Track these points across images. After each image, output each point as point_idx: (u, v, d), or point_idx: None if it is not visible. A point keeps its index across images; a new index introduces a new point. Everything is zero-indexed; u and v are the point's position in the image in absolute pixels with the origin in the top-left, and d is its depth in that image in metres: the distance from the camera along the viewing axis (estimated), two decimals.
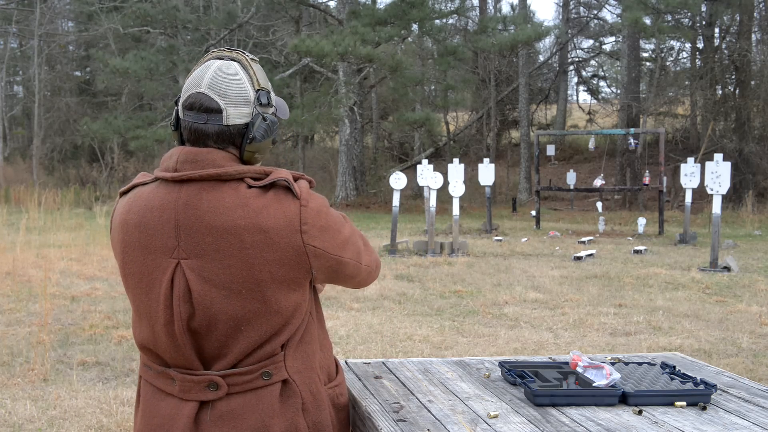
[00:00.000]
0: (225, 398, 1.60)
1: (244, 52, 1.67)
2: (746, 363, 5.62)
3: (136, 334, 1.69)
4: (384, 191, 21.64)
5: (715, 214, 10.22)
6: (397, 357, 5.65)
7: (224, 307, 1.56)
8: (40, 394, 4.83)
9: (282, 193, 1.58)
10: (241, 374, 1.59)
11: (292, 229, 1.56)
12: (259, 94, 1.62)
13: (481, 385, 2.19)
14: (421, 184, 12.66)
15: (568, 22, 27.88)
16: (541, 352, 5.88)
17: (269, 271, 1.55)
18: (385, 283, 9.02)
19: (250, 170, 1.59)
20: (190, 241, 1.55)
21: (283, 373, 1.61)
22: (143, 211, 1.60)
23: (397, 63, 18.92)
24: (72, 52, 31.99)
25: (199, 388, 1.60)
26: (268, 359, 1.60)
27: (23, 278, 8.99)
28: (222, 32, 21.80)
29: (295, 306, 1.61)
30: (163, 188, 1.60)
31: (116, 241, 1.66)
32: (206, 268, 1.55)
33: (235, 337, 1.57)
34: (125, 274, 1.65)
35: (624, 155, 22.39)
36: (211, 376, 1.59)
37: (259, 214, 1.54)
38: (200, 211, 1.55)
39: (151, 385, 1.68)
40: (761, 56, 22.61)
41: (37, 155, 26.42)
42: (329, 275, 1.69)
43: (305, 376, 1.65)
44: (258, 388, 1.60)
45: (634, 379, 2.15)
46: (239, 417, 1.59)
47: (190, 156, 1.58)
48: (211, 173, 1.55)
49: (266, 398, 1.60)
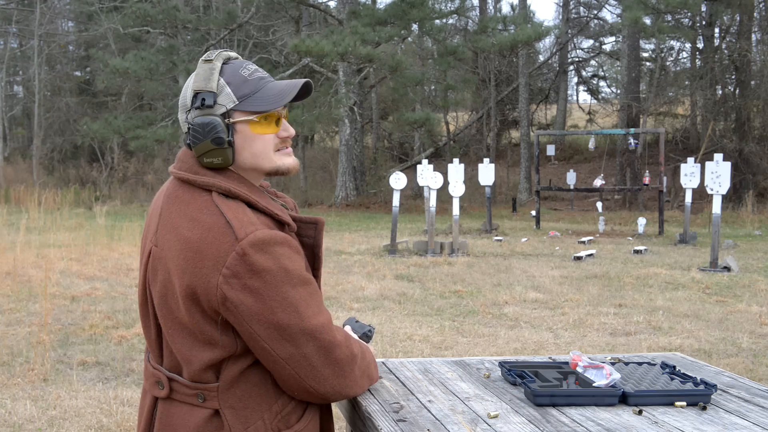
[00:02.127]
0: (168, 401, 1.63)
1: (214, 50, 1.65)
2: (746, 363, 5.62)
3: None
4: (384, 191, 21.64)
5: (715, 214, 10.22)
6: (397, 357, 5.65)
7: (162, 308, 1.60)
8: (40, 394, 4.83)
9: (228, 229, 1.50)
10: (183, 385, 1.61)
11: (215, 266, 1.48)
12: (199, 97, 1.57)
13: (481, 385, 2.19)
14: (421, 184, 12.67)
15: (568, 22, 27.88)
16: (541, 352, 5.88)
17: (186, 288, 1.51)
18: (385, 283, 9.02)
19: (217, 185, 1.57)
20: (162, 230, 1.60)
21: (215, 403, 1.58)
22: (155, 198, 1.73)
23: (397, 63, 18.92)
24: (72, 52, 32.00)
25: (151, 382, 1.67)
26: (203, 384, 1.58)
27: (23, 278, 8.99)
28: (222, 32, 21.81)
29: (218, 341, 1.54)
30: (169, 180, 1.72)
31: None
32: (162, 261, 1.58)
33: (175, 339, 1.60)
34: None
35: (624, 155, 22.39)
36: (161, 374, 1.64)
37: (201, 233, 1.51)
38: (173, 207, 1.60)
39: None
40: (761, 56, 22.61)
41: (37, 155, 26.42)
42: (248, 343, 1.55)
43: (241, 414, 1.58)
44: (193, 405, 1.60)
45: (634, 379, 2.15)
46: (173, 425, 1.62)
47: (181, 155, 1.66)
48: (183, 176, 1.61)
49: (197, 418, 1.59)
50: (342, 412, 2.31)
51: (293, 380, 1.58)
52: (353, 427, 2.15)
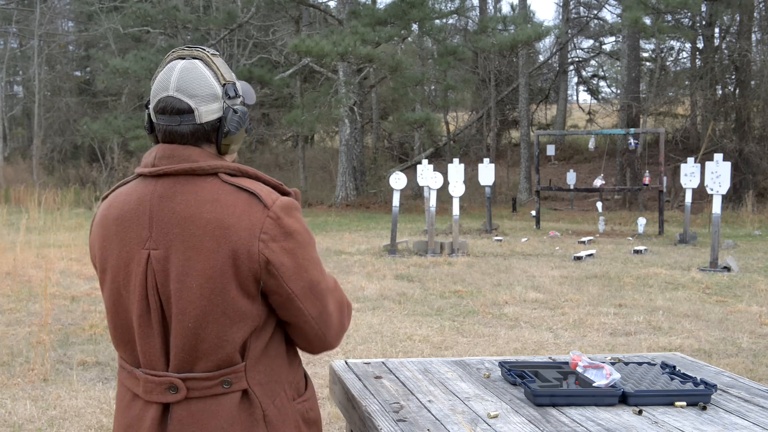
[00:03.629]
0: (185, 402, 1.60)
1: (203, 48, 1.69)
2: (746, 363, 5.62)
3: (112, 333, 1.71)
4: (384, 191, 21.64)
5: (715, 214, 10.22)
6: (397, 357, 5.65)
7: (181, 303, 1.57)
8: (40, 394, 4.83)
9: (254, 198, 1.59)
10: (201, 379, 1.59)
11: (251, 234, 1.55)
12: (227, 88, 1.65)
13: (481, 385, 2.19)
14: (421, 184, 12.67)
15: (568, 22, 27.87)
16: (541, 352, 5.88)
17: (221, 269, 1.55)
18: (385, 283, 9.02)
19: (224, 166, 1.61)
20: (160, 232, 1.58)
21: (243, 383, 1.60)
22: (122, 204, 1.65)
23: (397, 63, 18.92)
24: (72, 52, 32.00)
25: (160, 389, 1.61)
26: (228, 368, 1.59)
27: (23, 278, 8.99)
28: (222, 32, 21.81)
29: (245, 312, 1.58)
30: (141, 183, 1.65)
31: (95, 238, 1.70)
32: (168, 259, 1.57)
33: (184, 332, 1.58)
34: (103, 270, 1.67)
35: (624, 155, 22.38)
36: (171, 378, 1.60)
37: (225, 209, 1.56)
38: (173, 203, 1.58)
39: (124, 387, 1.70)
40: (761, 56, 22.61)
41: (37, 155, 26.43)
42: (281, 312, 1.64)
43: (268, 389, 1.64)
44: (218, 395, 1.60)
45: (634, 379, 2.15)
46: (199, 422, 1.59)
47: (168, 152, 1.63)
48: (185, 167, 1.59)
49: (226, 406, 1.60)
50: (342, 412, 2.31)
51: (317, 338, 1.68)
52: (353, 427, 2.15)
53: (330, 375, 2.54)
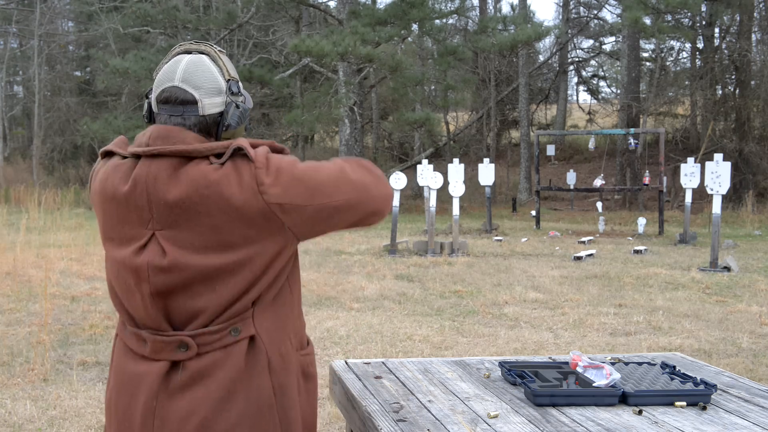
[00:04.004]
0: (195, 358, 1.62)
1: (211, 44, 1.72)
2: (746, 363, 5.62)
3: (111, 293, 1.74)
4: None
5: (715, 214, 10.22)
6: (397, 357, 5.65)
7: (200, 269, 1.60)
8: (40, 394, 4.83)
9: (239, 161, 1.60)
10: (211, 333, 1.62)
11: (251, 192, 1.58)
12: (230, 84, 1.68)
13: (481, 385, 2.19)
14: (421, 184, 12.66)
15: (568, 22, 27.87)
16: (541, 352, 5.88)
17: (240, 234, 1.59)
18: (385, 283, 9.02)
19: (216, 146, 1.62)
20: (162, 213, 1.61)
21: (251, 329, 1.63)
22: (118, 184, 1.65)
23: (397, 63, 18.91)
24: (72, 52, 31.99)
25: (170, 348, 1.63)
26: (238, 316, 1.63)
27: (23, 278, 8.99)
28: (222, 32, 21.80)
29: (269, 261, 1.63)
30: (136, 163, 1.65)
31: (96, 206, 1.73)
32: (180, 237, 1.60)
33: (209, 297, 1.61)
34: (105, 238, 1.72)
35: (624, 155, 22.38)
36: (181, 336, 1.62)
37: (220, 182, 1.58)
38: (169, 186, 1.60)
39: (124, 344, 1.72)
40: (761, 56, 22.61)
41: (37, 155, 26.42)
42: (314, 225, 1.66)
43: (274, 336, 1.67)
44: (227, 345, 1.62)
45: (634, 379, 2.15)
46: (208, 375, 1.61)
47: (163, 132, 1.64)
48: (180, 149, 1.61)
49: (234, 355, 1.62)
50: (342, 412, 2.31)
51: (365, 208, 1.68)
52: (353, 427, 2.16)
53: (330, 375, 2.54)
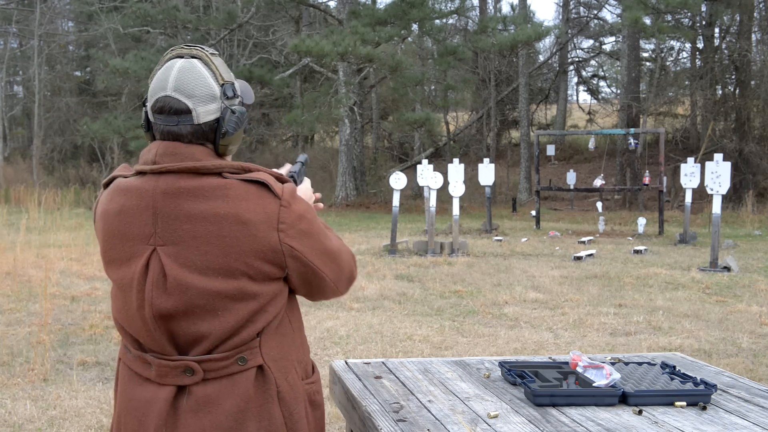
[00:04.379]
0: (201, 384, 1.61)
1: (203, 47, 1.68)
2: (746, 363, 5.62)
3: (115, 315, 1.72)
4: (384, 191, 21.64)
5: (715, 214, 10.22)
6: (397, 357, 5.65)
7: (201, 291, 1.58)
8: (40, 394, 4.83)
9: (263, 191, 1.61)
10: (217, 360, 1.60)
11: (269, 226, 1.59)
12: (225, 88, 1.65)
13: (481, 385, 2.19)
14: (421, 184, 12.66)
15: (568, 22, 27.87)
16: (541, 352, 5.88)
17: (245, 262, 1.58)
18: (385, 283, 9.02)
19: (228, 165, 1.61)
20: (167, 228, 1.58)
21: (259, 359, 1.63)
22: (123, 200, 1.64)
23: (397, 63, 18.91)
24: (72, 52, 31.99)
25: (176, 373, 1.61)
26: (244, 345, 1.62)
27: (23, 278, 8.99)
28: (222, 32, 21.80)
29: (271, 295, 1.64)
30: (142, 179, 1.63)
31: (98, 231, 1.72)
32: (182, 255, 1.58)
33: (211, 322, 1.59)
34: (107, 261, 1.70)
35: (624, 155, 22.38)
36: (187, 361, 1.60)
37: (239, 204, 1.58)
38: (179, 199, 1.58)
39: (128, 369, 1.70)
40: (761, 56, 22.60)
41: (37, 155, 26.42)
42: (302, 282, 1.70)
43: (281, 365, 1.67)
44: (234, 373, 1.61)
45: (634, 379, 2.15)
46: (215, 402, 1.60)
47: (170, 149, 1.62)
48: (189, 166, 1.59)
49: (242, 384, 1.61)
50: (342, 412, 2.31)
51: (331, 291, 1.77)
52: (353, 427, 2.16)
53: (330, 375, 2.54)
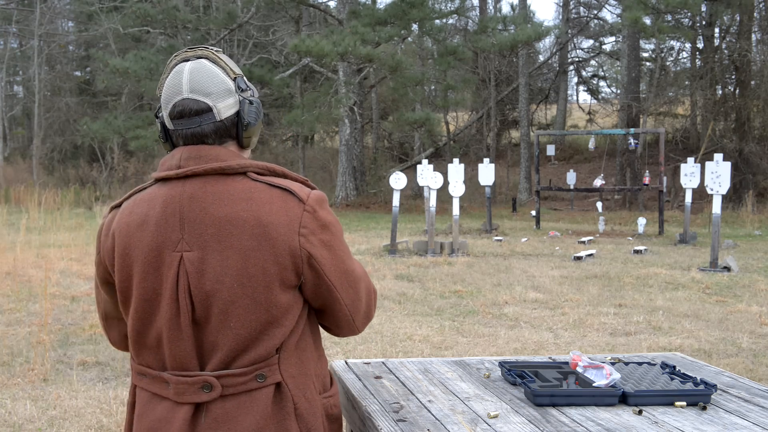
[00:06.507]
0: (219, 400, 1.58)
1: (207, 47, 1.68)
2: (746, 363, 5.62)
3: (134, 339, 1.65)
4: (384, 191, 21.63)
5: (715, 214, 10.22)
6: (397, 357, 5.65)
7: (216, 299, 1.55)
8: (40, 394, 4.83)
9: (288, 194, 1.60)
10: (235, 375, 1.58)
11: (291, 229, 1.56)
12: (238, 81, 1.65)
13: (481, 385, 2.19)
14: (421, 184, 12.66)
15: (568, 22, 27.87)
16: (541, 352, 5.88)
17: (262, 267, 1.55)
18: (385, 283, 9.02)
19: (253, 165, 1.61)
20: (193, 233, 1.56)
21: (277, 376, 1.60)
22: (146, 210, 1.60)
23: (397, 63, 18.91)
24: (72, 52, 31.99)
25: (194, 389, 1.58)
26: (263, 362, 1.59)
27: (23, 278, 8.99)
28: (222, 32, 21.80)
29: (286, 306, 1.59)
30: (164, 186, 1.60)
31: (112, 247, 1.63)
32: (204, 260, 1.55)
33: (225, 332, 1.57)
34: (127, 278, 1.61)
35: (624, 155, 22.38)
36: (205, 376, 1.57)
37: (261, 207, 1.56)
38: (205, 203, 1.56)
39: (146, 392, 1.66)
40: (761, 56, 22.60)
41: (37, 155, 26.42)
42: (314, 297, 1.65)
43: (299, 381, 1.64)
44: (252, 390, 1.59)
45: (634, 379, 2.15)
46: (234, 419, 1.58)
47: (194, 153, 1.60)
48: (215, 167, 1.57)
49: (260, 401, 1.59)
50: (342, 412, 2.31)
51: (347, 323, 1.72)
52: (353, 427, 2.16)
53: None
